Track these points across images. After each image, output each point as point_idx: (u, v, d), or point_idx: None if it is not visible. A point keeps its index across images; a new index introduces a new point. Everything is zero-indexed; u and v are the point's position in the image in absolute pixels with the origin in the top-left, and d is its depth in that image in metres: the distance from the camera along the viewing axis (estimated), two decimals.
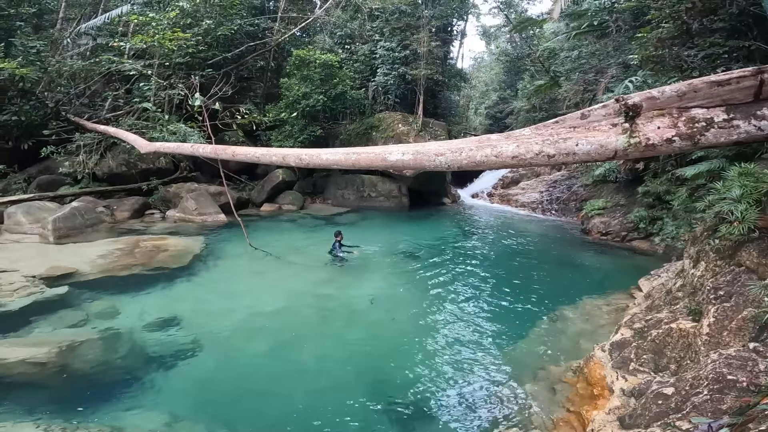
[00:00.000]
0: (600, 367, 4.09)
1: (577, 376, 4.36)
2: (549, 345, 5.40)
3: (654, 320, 3.93)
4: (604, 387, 3.84)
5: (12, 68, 11.56)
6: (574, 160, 4.70)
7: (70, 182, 12.70)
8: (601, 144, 4.39)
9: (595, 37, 18.29)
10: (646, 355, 3.60)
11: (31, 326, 5.74)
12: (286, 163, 7.15)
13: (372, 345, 5.69)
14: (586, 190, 15.93)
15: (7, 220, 10.36)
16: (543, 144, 4.47)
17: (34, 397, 4.32)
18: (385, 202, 17.32)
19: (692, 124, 4.20)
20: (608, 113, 4.61)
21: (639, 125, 4.38)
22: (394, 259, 9.71)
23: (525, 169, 22.31)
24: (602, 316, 6.09)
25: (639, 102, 4.38)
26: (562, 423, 3.63)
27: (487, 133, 27.83)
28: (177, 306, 6.64)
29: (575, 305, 6.64)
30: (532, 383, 4.53)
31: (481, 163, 4.79)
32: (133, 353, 5.28)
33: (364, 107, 18.12)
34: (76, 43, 15.43)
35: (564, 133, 4.73)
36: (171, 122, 12.72)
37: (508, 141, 4.86)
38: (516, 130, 5.42)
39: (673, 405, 2.60)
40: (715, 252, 3.69)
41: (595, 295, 7.08)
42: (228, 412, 4.16)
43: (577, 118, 4.72)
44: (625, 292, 7.11)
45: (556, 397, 4.14)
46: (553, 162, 4.61)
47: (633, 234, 11.47)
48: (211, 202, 13.42)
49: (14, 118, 12.06)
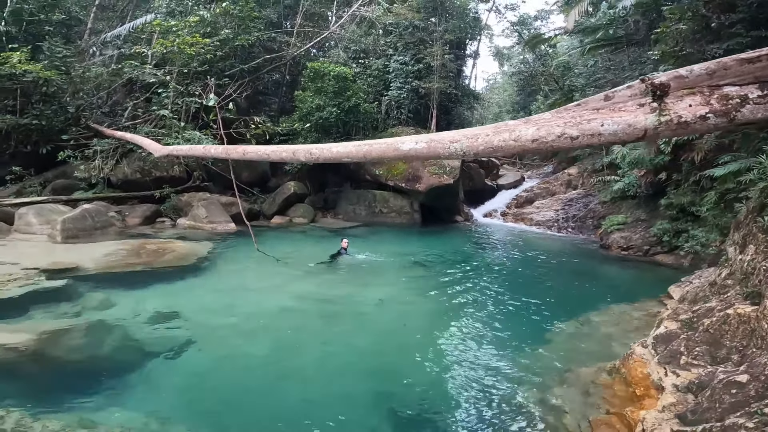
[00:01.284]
0: (642, 365, 3.66)
1: (613, 377, 3.94)
2: (575, 348, 4.97)
3: (703, 310, 3.52)
4: (649, 386, 3.42)
5: (37, 70, 11.83)
6: (600, 142, 4.40)
7: (84, 187, 12.76)
8: (629, 123, 4.12)
9: (609, 51, 18.30)
10: (700, 347, 3.19)
11: (20, 314, 5.52)
12: (296, 159, 6.96)
13: (380, 350, 5.30)
14: (604, 207, 15.44)
15: (17, 221, 10.31)
16: (565, 126, 4.19)
17: (5, 382, 4.01)
18: (397, 218, 17.02)
19: (726, 101, 3.95)
20: (634, 94, 4.36)
21: (669, 104, 4.13)
22: (405, 267, 9.34)
23: (539, 188, 21.95)
24: (632, 320, 5.63)
25: (666, 81, 4.14)
26: (602, 425, 3.21)
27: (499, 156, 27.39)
28: (176, 303, 6.36)
29: (601, 311, 6.19)
30: (560, 386, 4.09)
31: (499, 148, 4.52)
32: (123, 346, 4.99)
33: (377, 122, 18.15)
34: (101, 53, 15.91)
35: (587, 115, 4.47)
36: (186, 130, 12.81)
37: (527, 125, 4.60)
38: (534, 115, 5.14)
39: (753, 393, 2.24)
40: (764, 232, 3.31)
41: (622, 302, 6.60)
42: (217, 414, 3.76)
43: (600, 99, 4.48)
44: (654, 299, 6.64)
45: (591, 400, 3.70)
46: (576, 144, 4.33)
47: (656, 248, 10.94)
48: (222, 211, 13.31)
49: (35, 122, 12.28)
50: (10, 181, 12.28)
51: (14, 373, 4.18)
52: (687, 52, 8.31)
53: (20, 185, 12.25)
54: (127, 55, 14.57)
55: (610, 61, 18.75)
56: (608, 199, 15.10)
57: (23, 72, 11.98)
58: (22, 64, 11.88)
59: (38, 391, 3.93)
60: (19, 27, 13.75)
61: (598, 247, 12.55)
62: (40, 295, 6.14)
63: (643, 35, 14.60)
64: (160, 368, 4.53)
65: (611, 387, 3.75)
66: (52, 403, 3.69)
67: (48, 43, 13.15)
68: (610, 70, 16.72)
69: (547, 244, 13.66)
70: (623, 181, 13.70)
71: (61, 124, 12.90)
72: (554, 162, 25.85)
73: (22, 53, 12.15)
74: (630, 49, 16.09)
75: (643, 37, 14.68)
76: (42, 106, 12.66)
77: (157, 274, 7.64)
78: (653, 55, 11.15)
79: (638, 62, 14.79)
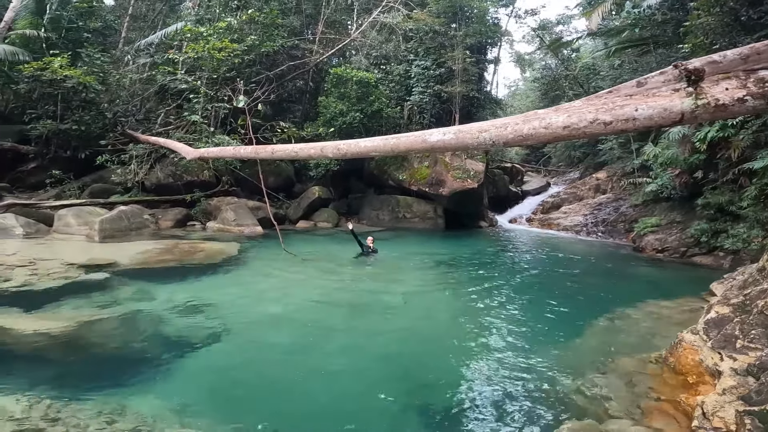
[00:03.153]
0: (692, 353, 3.49)
1: (660, 366, 3.78)
2: (613, 341, 4.78)
3: (755, 292, 3.33)
4: (702, 372, 3.27)
5: (77, 76, 12.37)
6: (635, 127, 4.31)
7: (120, 191, 13.22)
8: (665, 108, 4.04)
9: (636, 53, 17.91)
10: (756, 329, 3.03)
11: (59, 304, 5.68)
12: (324, 155, 7.03)
13: (406, 343, 5.21)
14: (636, 210, 14.98)
15: (57, 222, 10.77)
16: (597, 112, 4.12)
17: (38, 369, 4.08)
18: (420, 223, 16.95)
19: (763, 84, 3.86)
20: (667, 79, 4.28)
21: (704, 88, 4.06)
22: (431, 266, 9.27)
23: (566, 193, 21.50)
24: (674, 316, 5.40)
25: (701, 66, 4.06)
26: (655, 411, 3.06)
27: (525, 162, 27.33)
28: (206, 296, 6.46)
29: (638, 307, 5.97)
30: (601, 376, 3.93)
31: (529, 137, 4.47)
32: (154, 336, 5.06)
33: (400, 126, 18.22)
34: (134, 61, 16.60)
35: (619, 101, 4.41)
36: (216, 134, 13.17)
37: (557, 113, 4.54)
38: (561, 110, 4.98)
39: None
40: None
41: (661, 299, 6.33)
42: (241, 404, 3.74)
43: (633, 86, 4.40)
44: (695, 296, 6.35)
45: (637, 389, 3.55)
46: (609, 130, 4.25)
47: (694, 249, 10.51)
48: (250, 215, 13.59)
49: (74, 127, 12.82)
50: (50, 184, 12.81)
51: (50, 360, 4.28)
52: (720, 46, 8.07)
53: (60, 189, 12.79)
54: (160, 63, 15.14)
55: (636, 62, 18.36)
56: (640, 202, 14.66)
57: (64, 77, 12.43)
58: (62, 70, 12.33)
59: (72, 378, 3.99)
60: (58, 34, 14.30)
61: (631, 250, 12.14)
62: (78, 287, 6.38)
63: (671, 35, 14.24)
64: (189, 358, 4.56)
65: (659, 376, 3.59)
66: (85, 390, 3.72)
67: (86, 50, 13.68)
68: (637, 72, 16.32)
69: (576, 247, 13.31)
70: (656, 183, 13.28)
71: (98, 130, 13.40)
72: (581, 167, 25.31)
73: (63, 58, 12.49)
74: (658, 51, 15.72)
75: (671, 37, 14.31)
76: (81, 112, 13.17)
77: (189, 270, 7.83)
78: (683, 48, 10.86)
79: (667, 63, 14.39)
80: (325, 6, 19.16)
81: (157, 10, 19.73)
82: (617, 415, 3.15)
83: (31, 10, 14.52)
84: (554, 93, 25.60)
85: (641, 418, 3.06)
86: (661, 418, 2.99)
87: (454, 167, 16.76)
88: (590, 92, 18.97)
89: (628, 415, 3.11)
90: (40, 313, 5.31)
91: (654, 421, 2.97)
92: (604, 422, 3.05)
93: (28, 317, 5.12)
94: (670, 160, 11.78)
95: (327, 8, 19.18)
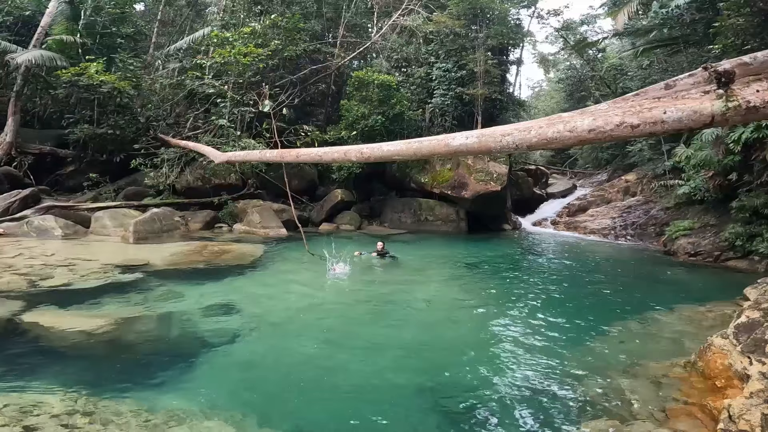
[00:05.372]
0: (722, 357, 3.41)
1: (688, 371, 3.69)
2: (641, 345, 4.70)
3: None
4: (731, 377, 3.19)
5: (112, 81, 12.88)
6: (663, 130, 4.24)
7: (153, 194, 13.76)
8: (695, 110, 3.95)
9: (665, 53, 17.38)
10: None
11: (97, 303, 5.93)
12: (347, 159, 7.15)
13: (429, 343, 5.23)
14: (667, 213, 14.51)
15: (94, 224, 11.30)
16: (624, 115, 4.06)
17: (77, 365, 4.26)
18: (443, 226, 16.89)
19: None
20: (697, 82, 4.19)
21: (735, 90, 3.97)
22: (453, 269, 9.25)
23: (593, 196, 21.00)
24: (705, 320, 5.24)
25: (731, 68, 3.97)
26: (681, 414, 3.01)
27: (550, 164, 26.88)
28: (233, 296, 6.65)
29: (669, 311, 5.81)
30: (627, 379, 3.87)
31: (553, 140, 4.43)
32: (185, 334, 5.24)
33: (421, 129, 18.25)
34: (164, 67, 17.20)
35: (647, 103, 4.33)
36: (242, 138, 13.55)
37: (582, 116, 4.48)
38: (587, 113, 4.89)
39: None
40: None
41: (693, 303, 6.14)
42: (266, 403, 3.81)
43: (661, 89, 4.31)
44: (728, 301, 6.13)
45: (663, 392, 3.49)
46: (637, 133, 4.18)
47: (728, 253, 10.12)
48: (274, 217, 13.89)
49: (110, 131, 13.40)
50: (87, 187, 13.44)
51: (88, 356, 4.47)
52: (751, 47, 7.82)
53: (96, 191, 13.41)
54: (188, 68, 15.64)
55: (666, 62, 17.82)
56: (672, 205, 14.22)
57: (100, 83, 12.82)
58: (98, 75, 12.79)
59: (108, 374, 4.14)
60: (93, 39, 14.82)
61: (662, 254, 11.77)
62: (114, 286, 6.67)
63: (701, 35, 13.78)
64: (217, 355, 4.69)
65: (687, 380, 3.52)
66: (121, 386, 3.85)
67: (120, 56, 14.21)
68: (667, 72, 15.86)
69: (604, 250, 13.01)
70: (689, 185, 12.87)
71: (132, 134, 13.94)
72: (608, 169, 24.67)
73: (98, 64, 12.86)
74: (688, 50, 15.23)
75: (701, 37, 13.85)
76: (116, 116, 13.71)
77: (217, 271, 8.08)
78: (714, 49, 10.54)
79: (698, 63, 13.93)
80: (346, 10, 19.42)
81: (184, 15, 20.45)
82: (641, 417, 3.11)
83: (66, 15, 14.91)
84: (580, 94, 25.11)
85: (666, 421, 3.01)
86: (687, 420, 2.94)
87: (476, 170, 16.65)
88: (618, 93, 18.53)
89: (652, 418, 3.06)
90: (79, 310, 5.56)
91: (679, 424, 2.93)
92: (627, 423, 3.01)
93: (68, 315, 5.37)
94: (703, 162, 11.39)
95: (347, 12, 19.43)
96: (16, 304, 5.43)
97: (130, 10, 16.55)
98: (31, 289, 6.13)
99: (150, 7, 21.00)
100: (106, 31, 15.21)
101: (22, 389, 3.55)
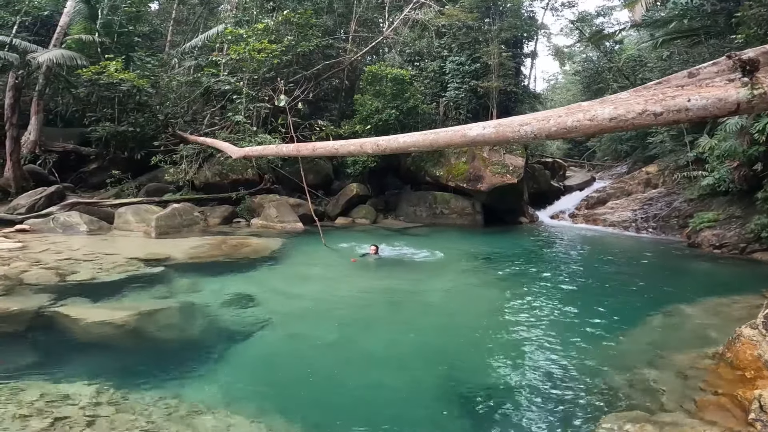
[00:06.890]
0: (751, 347, 3.35)
1: (717, 362, 3.63)
2: (666, 336, 4.62)
3: None
4: (761, 367, 3.13)
5: (132, 79, 13.12)
6: (687, 117, 4.11)
7: (173, 190, 13.99)
8: (719, 98, 3.84)
9: (686, 45, 16.88)
10: None
11: (122, 295, 6.06)
12: (363, 152, 7.20)
13: (447, 336, 5.22)
14: (691, 205, 14.14)
15: (117, 219, 11.57)
16: (646, 103, 3.96)
17: (103, 357, 4.35)
18: (458, 219, 16.78)
19: None
20: (721, 70, 4.06)
21: (760, 78, 3.83)
22: (471, 262, 9.21)
23: (613, 188, 20.58)
24: (732, 312, 5.11)
25: (755, 57, 3.83)
26: (710, 405, 2.97)
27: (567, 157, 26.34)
28: (253, 288, 6.73)
29: (694, 304, 5.68)
30: (653, 370, 3.80)
31: (573, 129, 4.35)
32: (206, 326, 5.31)
33: (435, 123, 18.13)
34: (180, 64, 17.44)
35: (670, 92, 4.20)
36: (258, 134, 13.69)
37: (603, 105, 4.39)
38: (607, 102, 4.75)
39: None
40: None
41: (719, 296, 5.99)
42: (284, 394, 3.84)
43: (684, 77, 4.19)
44: (756, 294, 5.97)
45: (691, 383, 3.43)
46: (660, 121, 4.07)
47: (754, 245, 9.83)
48: (291, 211, 14.01)
49: (130, 129, 13.68)
50: (110, 184, 13.76)
51: (114, 348, 4.57)
52: None
53: (119, 188, 13.73)
54: (204, 65, 15.83)
55: (687, 53, 17.29)
56: (695, 196, 13.85)
57: (119, 81, 13.09)
58: (118, 73, 13.02)
59: (133, 365, 4.22)
60: (111, 38, 15.07)
61: (686, 246, 11.49)
62: (138, 280, 6.81)
63: (723, 25, 13.31)
64: (237, 347, 4.76)
65: (715, 371, 3.46)
66: (145, 377, 3.91)
67: (137, 54, 14.46)
68: (688, 63, 15.36)
69: (625, 243, 12.77)
70: (713, 176, 12.52)
71: (152, 132, 14.19)
72: (628, 161, 24.13)
73: (117, 62, 13.07)
74: (710, 41, 14.74)
75: (723, 28, 13.38)
76: (136, 114, 13.97)
77: (237, 264, 8.20)
78: (737, 39, 10.19)
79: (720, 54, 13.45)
80: (357, 5, 19.36)
81: (197, 13, 20.68)
82: (670, 408, 3.06)
83: (84, 15, 15.03)
84: (597, 86, 24.54)
85: (695, 412, 2.96)
86: (717, 411, 2.89)
87: (492, 162, 16.49)
88: (637, 84, 18.01)
89: (681, 408, 3.01)
90: (104, 303, 5.68)
91: (709, 415, 2.88)
92: (655, 414, 2.97)
93: (94, 307, 5.48)
94: (727, 153, 11.05)
95: (358, 7, 19.37)
96: (44, 297, 5.57)
97: (145, 9, 16.80)
98: (59, 283, 6.31)
99: (164, 5, 21.28)
100: (123, 30, 15.44)
101: (51, 380, 3.64)
